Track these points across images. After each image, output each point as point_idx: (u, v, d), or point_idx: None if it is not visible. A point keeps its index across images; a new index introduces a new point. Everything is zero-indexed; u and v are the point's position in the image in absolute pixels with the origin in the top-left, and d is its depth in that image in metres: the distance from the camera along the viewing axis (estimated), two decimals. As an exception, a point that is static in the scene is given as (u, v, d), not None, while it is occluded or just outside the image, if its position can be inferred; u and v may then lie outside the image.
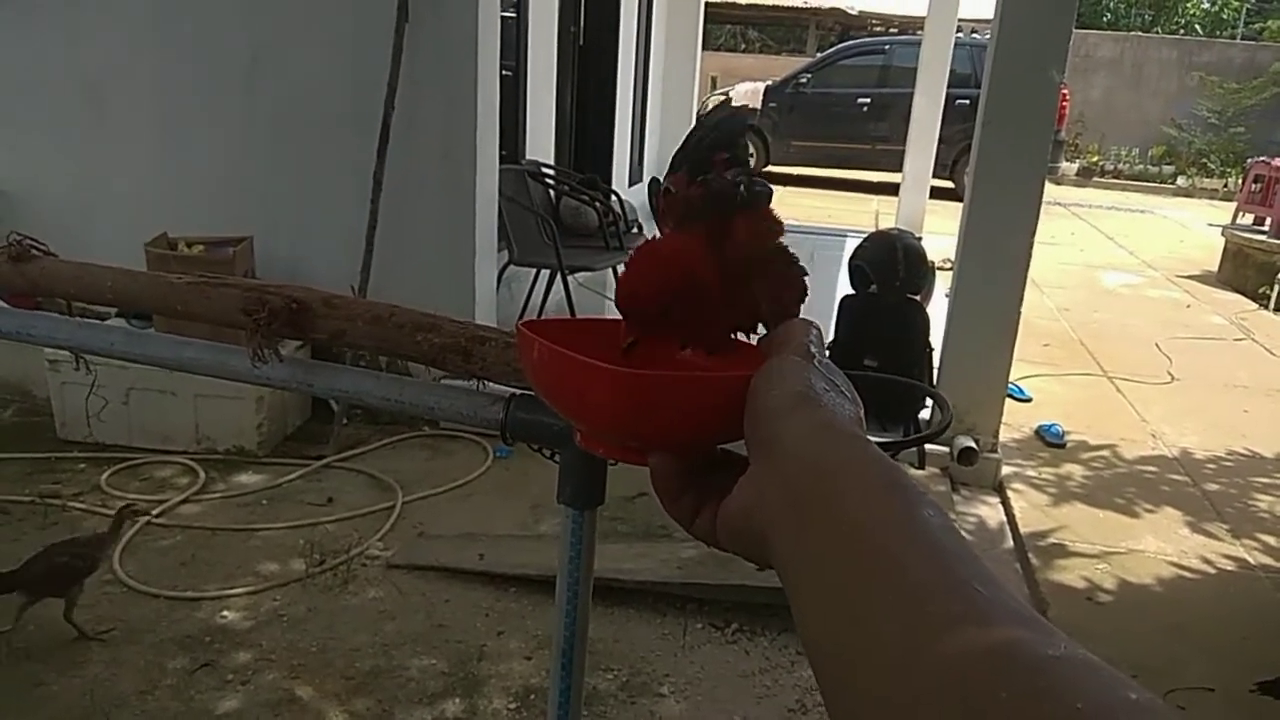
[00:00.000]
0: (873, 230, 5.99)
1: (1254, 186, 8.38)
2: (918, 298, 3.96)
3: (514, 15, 4.82)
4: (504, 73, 3.85)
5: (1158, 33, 18.45)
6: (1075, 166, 14.46)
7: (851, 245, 4.31)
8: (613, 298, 0.60)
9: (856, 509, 0.39)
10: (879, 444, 0.44)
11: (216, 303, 0.79)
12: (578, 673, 0.81)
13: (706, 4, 8.98)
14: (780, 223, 0.58)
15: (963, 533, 0.39)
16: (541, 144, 5.44)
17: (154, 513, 3.03)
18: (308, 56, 3.63)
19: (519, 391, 0.75)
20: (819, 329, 0.53)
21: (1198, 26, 19.42)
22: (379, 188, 3.53)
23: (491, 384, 0.76)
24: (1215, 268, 8.15)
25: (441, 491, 3.30)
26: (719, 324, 0.57)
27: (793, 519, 0.41)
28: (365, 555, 2.90)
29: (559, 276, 4.43)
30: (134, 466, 3.34)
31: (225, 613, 2.60)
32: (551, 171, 5.23)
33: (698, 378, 0.53)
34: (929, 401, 3.84)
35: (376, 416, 3.67)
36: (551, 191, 5.05)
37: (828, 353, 0.53)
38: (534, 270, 4.66)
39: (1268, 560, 3.26)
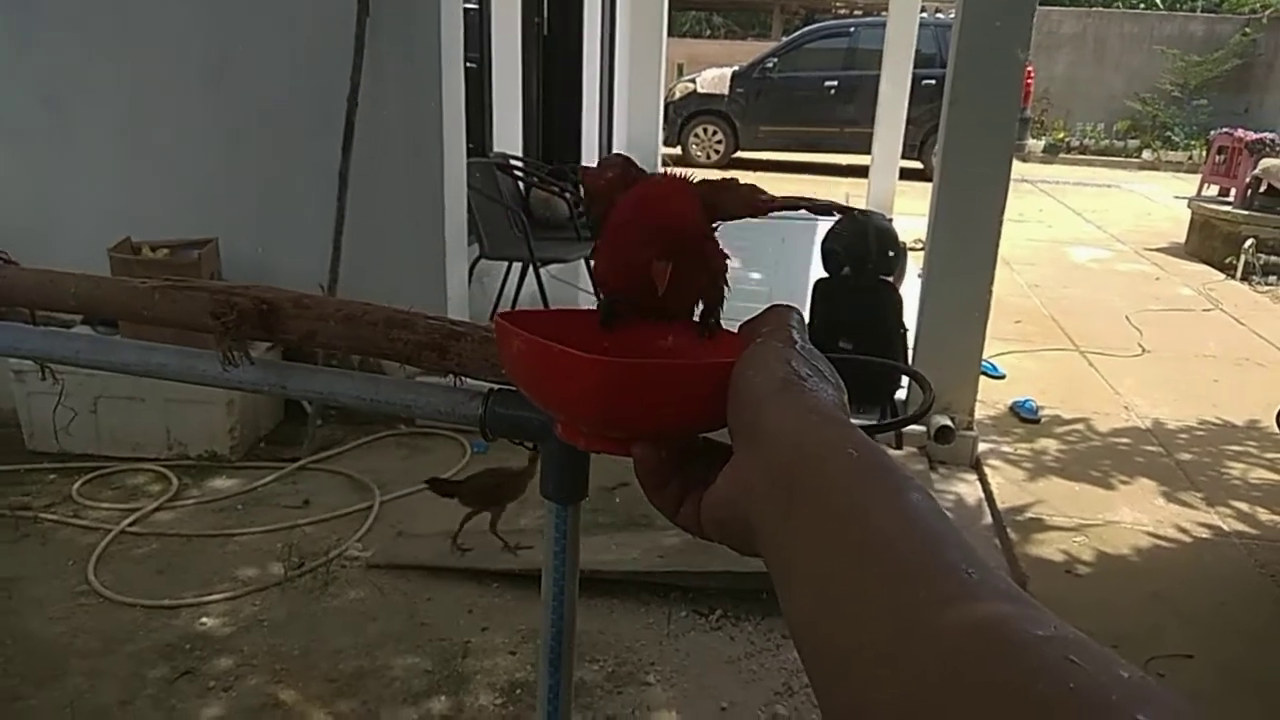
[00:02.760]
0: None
1: (1218, 158, 8.49)
2: (890, 279, 3.98)
3: (476, 7, 4.77)
4: (468, 65, 3.81)
5: (1119, 8, 18.60)
6: (1041, 143, 14.58)
7: (822, 229, 4.32)
8: (587, 288, 0.60)
9: (843, 493, 0.39)
10: (862, 427, 0.43)
11: (184, 306, 0.77)
12: (566, 667, 0.80)
13: (670, -10, 8.96)
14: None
15: (948, 515, 0.38)
16: (509, 136, 5.40)
17: (127, 522, 2.99)
18: (268, 55, 3.58)
19: (497, 386, 0.74)
20: (800, 314, 0.52)
21: (1158, 1, 19.59)
22: (345, 185, 3.49)
23: (468, 379, 0.75)
24: (1182, 240, 8.25)
25: (420, 490, 3.27)
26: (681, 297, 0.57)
27: (778, 505, 0.41)
28: (344, 556, 2.87)
29: (531, 269, 4.41)
30: (105, 475, 3.29)
31: (204, 619, 2.57)
32: (520, 163, 5.20)
33: (678, 365, 0.52)
34: (904, 382, 3.87)
35: (352, 416, 3.63)
36: (521, 183, 5.02)
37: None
38: (506, 263, 4.64)
39: (1241, 527, 3.31)
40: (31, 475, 3.28)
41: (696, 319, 0.58)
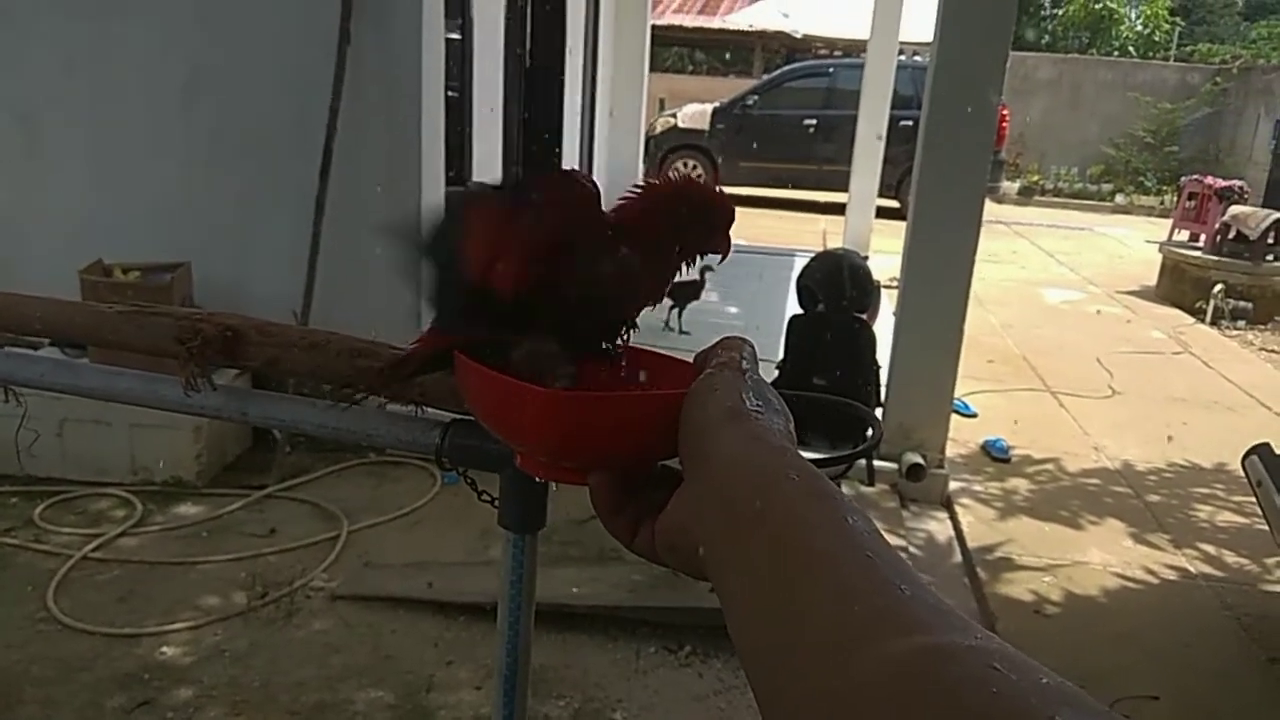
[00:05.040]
0: (820, 250, 6.06)
1: (1188, 204, 8.64)
2: (864, 316, 4.01)
3: (459, 37, 4.80)
4: (449, 94, 3.83)
5: (1094, 54, 19.00)
6: (1016, 186, 14.79)
7: (799, 265, 4.35)
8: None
9: (785, 515, 0.41)
10: (813, 461, 0.45)
11: (149, 331, 0.77)
12: (521, 700, 0.79)
13: (653, 26, 9.06)
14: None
15: (887, 538, 0.41)
16: (487, 166, 5.42)
17: (89, 548, 2.94)
18: (248, 80, 3.58)
19: (458, 416, 0.74)
20: (752, 345, 0.54)
21: (1131, 49, 20.04)
22: (321, 211, 3.48)
23: (430, 409, 0.75)
24: (1154, 283, 8.37)
25: (388, 520, 3.24)
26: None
27: (724, 528, 0.43)
28: (309, 587, 2.84)
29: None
30: (68, 500, 3.24)
31: (165, 649, 2.53)
32: (499, 194, 5.20)
33: (628, 396, 0.54)
34: (876, 413, 3.88)
35: (321, 444, 3.60)
36: (499, 214, 5.02)
37: (773, 369, 0.53)
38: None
39: (1208, 569, 3.33)
40: (-8, 498, 3.23)
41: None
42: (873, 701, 0.32)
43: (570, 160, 7.06)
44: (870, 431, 3.77)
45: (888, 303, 4.78)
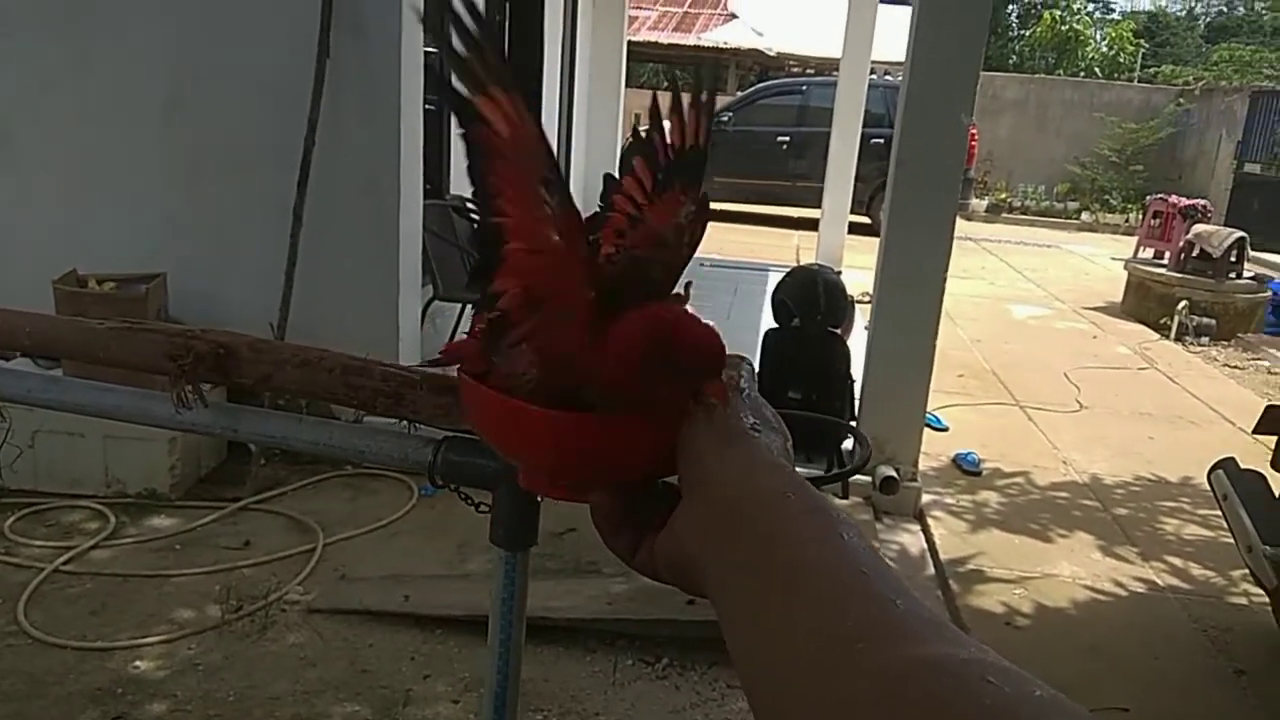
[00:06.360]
0: (794, 265, 6.12)
1: (1153, 222, 8.80)
2: (838, 331, 4.05)
3: (437, 50, 4.82)
4: (427, 107, 3.84)
5: (1060, 75, 19.31)
6: (984, 203, 14.97)
7: (774, 279, 4.39)
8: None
9: (780, 531, 0.42)
10: (810, 479, 0.46)
11: (139, 349, 0.77)
12: (511, 715, 0.80)
13: (629, 42, 9.11)
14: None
15: (877, 551, 0.42)
16: (466, 179, 5.43)
17: (61, 560, 2.91)
18: (225, 91, 3.58)
19: (450, 433, 0.75)
20: (750, 364, 0.55)
21: (1097, 70, 20.38)
22: (299, 223, 3.48)
23: (421, 426, 0.76)
24: (1119, 299, 8.50)
25: (365, 532, 3.23)
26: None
27: (722, 545, 0.43)
28: (285, 600, 2.82)
29: (484, 312, 4.41)
30: (40, 512, 3.20)
31: (138, 663, 2.50)
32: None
33: (631, 417, 0.54)
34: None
35: (296, 456, 3.58)
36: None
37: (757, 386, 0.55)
38: (459, 305, 4.64)
39: (1175, 581, 3.39)
40: (-39, 511, 3.19)
41: None
42: (867, 713, 0.33)
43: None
44: (858, 448, 3.82)
45: (860, 317, 4.83)
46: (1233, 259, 7.66)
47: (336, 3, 3.37)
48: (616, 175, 0.62)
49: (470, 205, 0.56)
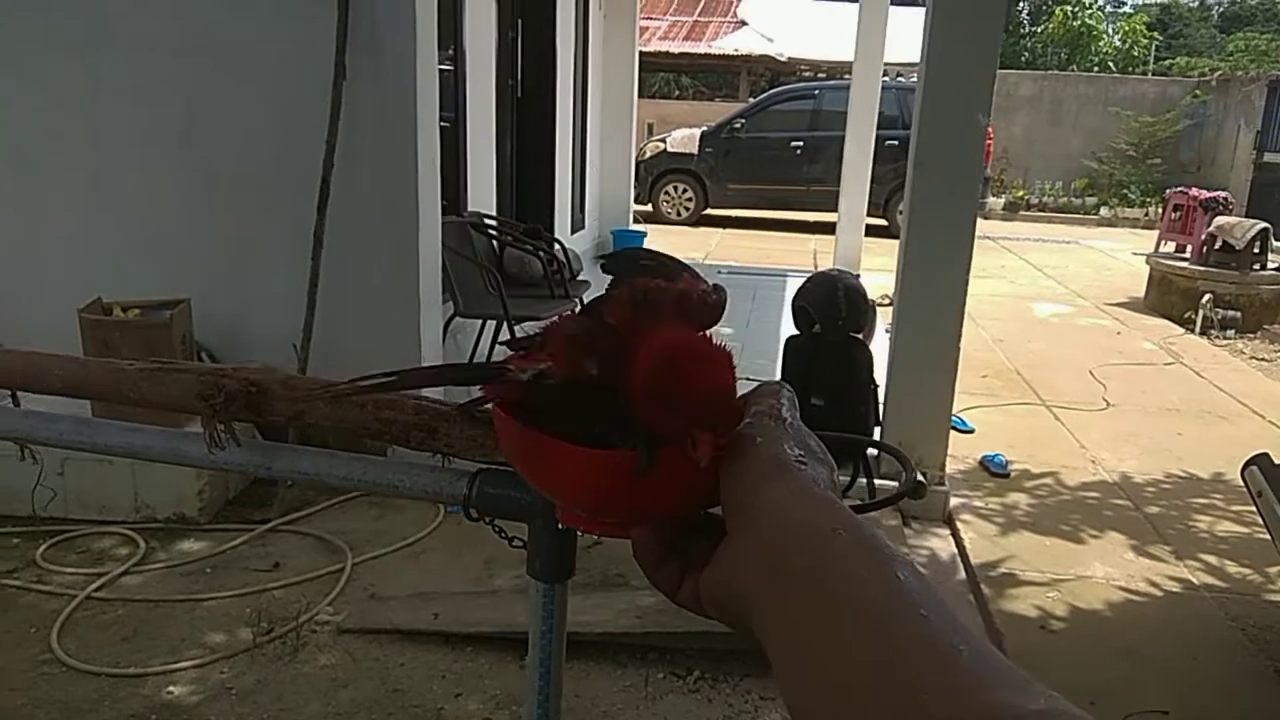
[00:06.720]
0: (813, 271, 6.10)
1: (1174, 215, 8.71)
2: (860, 336, 4.03)
3: (451, 68, 4.84)
4: (442, 124, 3.86)
5: (1074, 70, 19.20)
6: (1001, 201, 14.89)
7: (792, 285, 4.38)
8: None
9: (834, 572, 0.40)
10: (852, 506, 0.45)
11: (170, 389, 0.78)
12: (551, 746, 0.80)
13: (641, 52, 9.13)
14: None
15: (935, 589, 0.40)
16: (483, 195, 5.45)
17: (92, 588, 2.93)
18: (244, 116, 3.61)
19: (485, 466, 0.74)
20: (791, 391, 0.53)
21: (1111, 64, 20.25)
22: (320, 245, 3.50)
23: (455, 459, 0.76)
24: (1142, 295, 8.42)
25: (392, 550, 3.24)
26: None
27: (772, 586, 0.42)
28: (315, 621, 2.83)
29: (505, 327, 4.42)
30: (71, 539, 3.23)
31: (171, 688, 2.51)
32: (494, 222, 5.24)
33: (671, 451, 0.53)
34: (874, 431, 3.89)
35: (323, 476, 3.59)
36: (495, 242, 5.05)
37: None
38: (480, 320, 4.65)
39: (1210, 580, 3.35)
40: (-7, 540, 3.21)
41: None
42: None
43: (562, 187, 7.10)
44: (874, 452, 3.79)
45: (881, 321, 4.80)
46: (1256, 250, 7.58)
47: (353, 24, 3.39)
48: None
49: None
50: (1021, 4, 24.77)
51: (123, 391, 0.79)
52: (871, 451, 3.87)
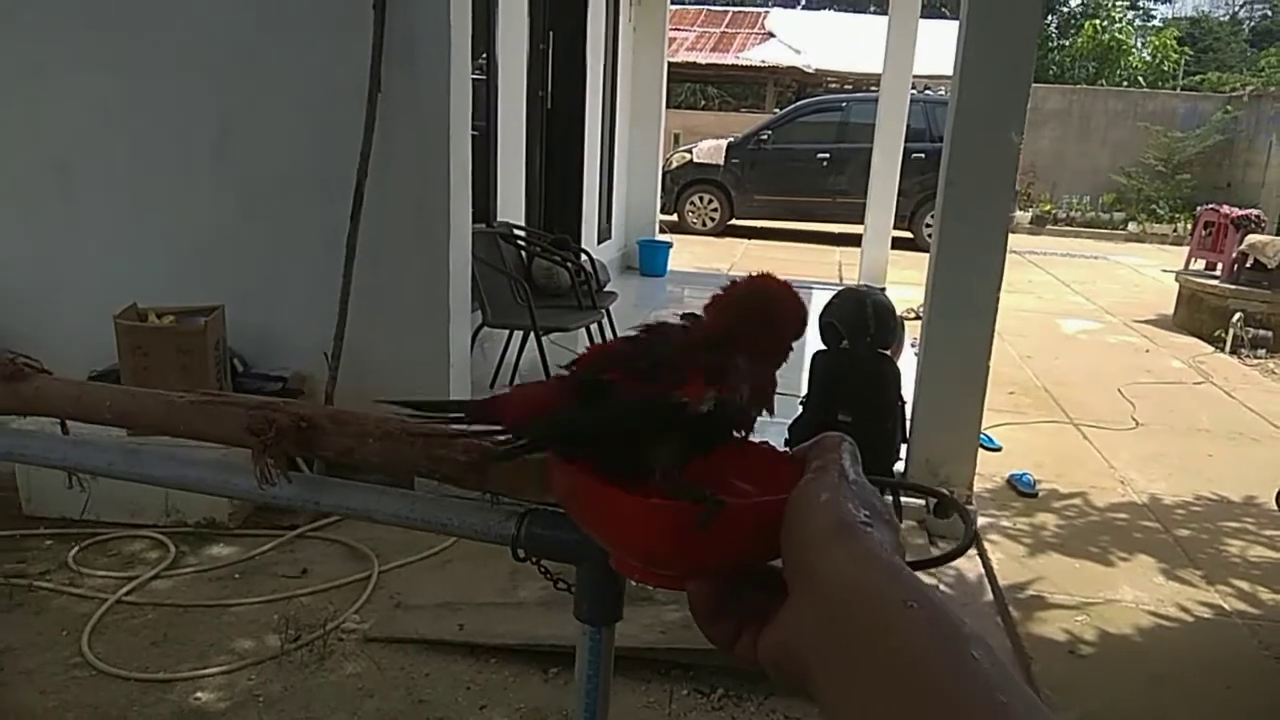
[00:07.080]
0: (838, 283, 6.08)
1: (1204, 232, 8.62)
2: (888, 352, 4.01)
3: (483, 78, 4.87)
4: (473, 133, 3.88)
5: (1103, 84, 19.04)
6: (1029, 215, 14.79)
7: (818, 297, 4.36)
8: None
9: (905, 650, 0.39)
10: (913, 564, 0.44)
11: (221, 422, 0.78)
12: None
13: (669, 63, 9.15)
14: None
15: (1009, 670, 0.39)
16: (512, 205, 5.48)
17: (123, 591, 2.96)
18: (280, 127, 3.64)
19: (534, 506, 0.75)
20: (852, 444, 0.52)
21: (1140, 78, 20.07)
22: (352, 254, 3.52)
23: (504, 498, 0.76)
24: (1170, 312, 8.33)
25: (419, 559, 3.25)
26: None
27: (837, 658, 0.41)
28: (342, 629, 2.84)
29: (533, 336, 4.43)
30: (102, 542, 3.26)
31: (199, 694, 2.54)
32: (523, 233, 5.26)
33: (732, 505, 0.52)
34: (902, 453, 3.87)
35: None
36: (523, 253, 5.07)
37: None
38: (508, 331, 4.67)
39: (1243, 606, 3.30)
40: (27, 541, 3.25)
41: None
42: None
43: (590, 197, 7.13)
44: (900, 466, 3.77)
45: (908, 335, 4.78)
46: (1289, 269, 7.48)
47: (388, 36, 3.42)
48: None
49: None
50: (1050, 17, 24.60)
51: (173, 424, 0.79)
52: (898, 467, 3.84)
